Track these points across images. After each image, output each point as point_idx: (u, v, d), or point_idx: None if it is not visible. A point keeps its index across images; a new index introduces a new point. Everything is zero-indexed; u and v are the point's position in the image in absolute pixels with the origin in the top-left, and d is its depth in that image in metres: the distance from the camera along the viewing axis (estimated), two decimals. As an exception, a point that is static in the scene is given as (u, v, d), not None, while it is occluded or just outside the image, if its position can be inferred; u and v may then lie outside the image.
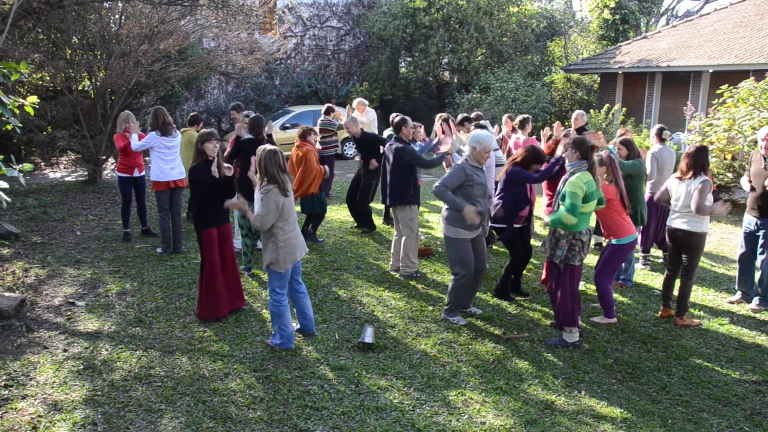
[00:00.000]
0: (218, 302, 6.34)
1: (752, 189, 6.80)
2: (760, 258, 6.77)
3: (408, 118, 7.92)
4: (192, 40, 14.31)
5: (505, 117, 10.37)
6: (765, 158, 6.63)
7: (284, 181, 5.51)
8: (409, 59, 23.19)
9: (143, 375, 5.23)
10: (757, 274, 6.91)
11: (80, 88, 13.10)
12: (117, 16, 12.64)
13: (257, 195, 5.54)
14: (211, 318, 6.32)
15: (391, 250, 8.02)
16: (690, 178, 6.21)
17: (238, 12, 11.88)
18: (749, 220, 6.88)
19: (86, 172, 13.33)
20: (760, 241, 6.73)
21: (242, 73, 18.87)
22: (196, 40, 15.04)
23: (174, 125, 8.55)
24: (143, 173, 9.09)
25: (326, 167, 8.77)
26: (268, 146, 5.61)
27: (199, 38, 15.50)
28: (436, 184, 6.17)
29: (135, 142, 8.44)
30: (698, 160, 6.19)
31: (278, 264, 5.55)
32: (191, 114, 9.69)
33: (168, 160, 8.38)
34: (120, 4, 12.17)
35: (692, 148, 6.26)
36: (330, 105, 11.46)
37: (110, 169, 14.32)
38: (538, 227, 9.89)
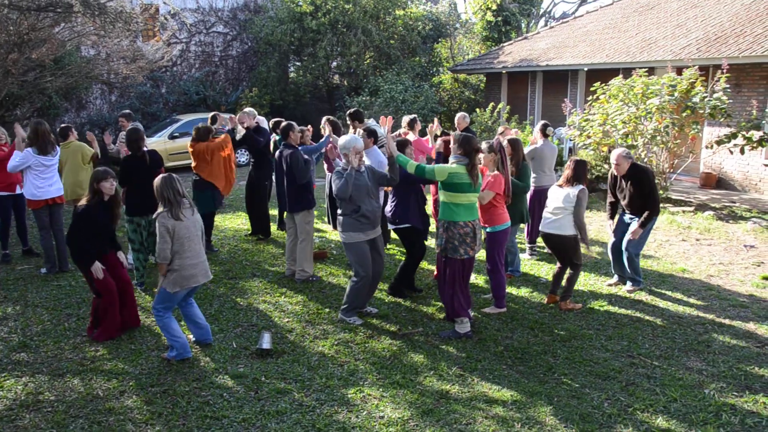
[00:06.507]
0: (114, 327, 6.16)
1: (613, 203, 7.52)
2: (624, 241, 7.31)
3: (294, 123, 7.95)
4: (69, 48, 13.68)
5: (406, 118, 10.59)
6: (619, 179, 7.27)
7: (179, 205, 5.45)
8: (298, 64, 23.14)
9: (31, 402, 5.01)
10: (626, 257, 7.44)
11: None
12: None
13: None
14: (104, 339, 6.12)
15: (286, 255, 8.04)
16: (569, 186, 6.75)
17: (117, 19, 11.49)
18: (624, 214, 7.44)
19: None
20: (630, 227, 7.27)
21: (126, 82, 18.21)
22: (73, 48, 14.37)
23: (54, 143, 8.10)
24: (22, 190, 8.59)
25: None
26: (164, 174, 5.55)
27: (77, 46, 14.81)
28: (335, 192, 6.23)
29: (13, 161, 7.90)
30: (577, 172, 6.75)
31: (168, 284, 5.52)
32: (61, 126, 8.96)
33: (45, 178, 7.95)
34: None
35: (572, 162, 6.80)
36: (215, 113, 11.28)
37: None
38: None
